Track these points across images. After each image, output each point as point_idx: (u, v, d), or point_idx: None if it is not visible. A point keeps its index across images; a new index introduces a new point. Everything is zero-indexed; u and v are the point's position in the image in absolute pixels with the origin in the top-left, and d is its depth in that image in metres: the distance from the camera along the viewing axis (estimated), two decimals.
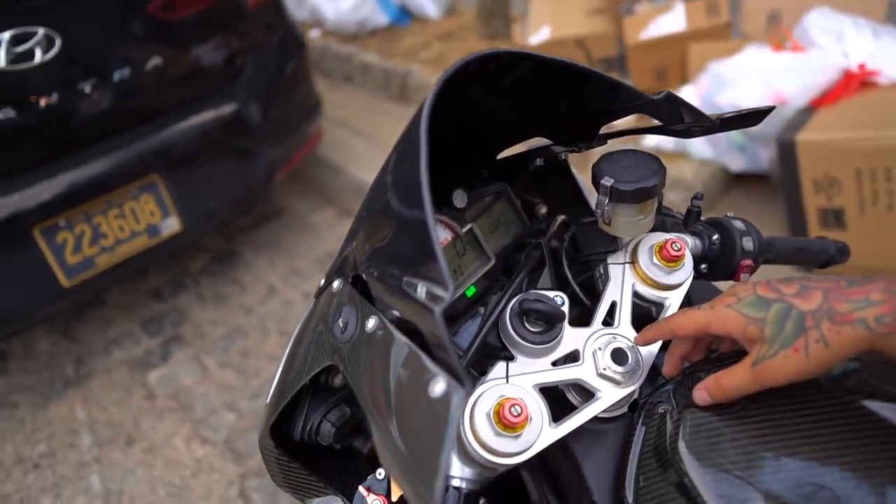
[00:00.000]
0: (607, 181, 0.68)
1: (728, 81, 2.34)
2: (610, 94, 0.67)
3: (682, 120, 0.68)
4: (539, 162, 0.87)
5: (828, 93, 2.18)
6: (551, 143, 0.83)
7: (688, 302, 0.78)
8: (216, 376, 2.34)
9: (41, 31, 1.78)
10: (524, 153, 0.87)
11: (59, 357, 2.47)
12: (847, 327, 0.50)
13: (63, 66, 1.85)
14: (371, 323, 0.63)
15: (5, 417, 2.26)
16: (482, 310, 0.83)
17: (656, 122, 0.72)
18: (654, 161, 0.69)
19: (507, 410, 0.61)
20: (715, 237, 0.80)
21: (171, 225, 2.20)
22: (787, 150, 2.01)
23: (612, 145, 0.79)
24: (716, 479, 0.58)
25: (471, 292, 0.80)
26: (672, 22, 2.83)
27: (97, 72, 1.95)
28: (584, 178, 0.91)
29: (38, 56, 1.79)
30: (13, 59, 1.75)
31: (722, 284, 0.84)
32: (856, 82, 2.16)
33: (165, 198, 2.17)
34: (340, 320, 0.69)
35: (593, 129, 0.76)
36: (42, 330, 2.56)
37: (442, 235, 0.80)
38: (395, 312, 0.62)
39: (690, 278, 0.75)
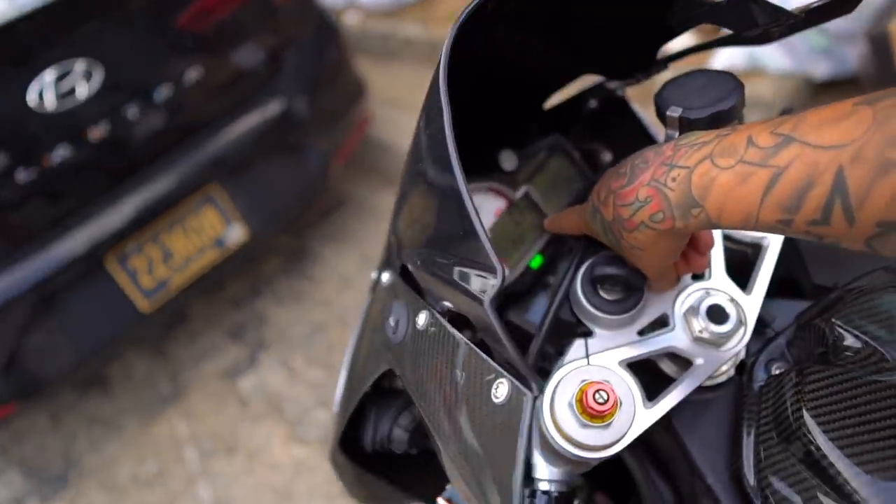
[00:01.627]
0: (674, 111, 0.57)
1: None
2: (661, 6, 0.56)
3: (756, 22, 0.57)
4: (593, 103, 0.77)
5: None
6: (604, 79, 0.73)
7: (789, 240, 0.66)
8: (304, 375, 2.35)
9: (80, 62, 1.79)
10: (575, 97, 0.77)
11: (155, 375, 2.55)
12: (638, 233, 0.49)
13: (108, 94, 1.86)
14: (422, 319, 0.55)
15: (115, 440, 2.36)
16: (552, 280, 0.74)
17: (724, 32, 0.60)
18: (728, 78, 0.58)
19: (592, 398, 0.52)
20: None
21: (238, 233, 2.20)
22: (880, 44, 1.78)
23: (676, 70, 0.68)
24: (853, 450, 0.47)
25: (536, 263, 0.71)
26: None
27: (141, 94, 1.95)
28: (648, 114, 0.79)
29: (82, 88, 1.80)
30: (60, 96, 1.77)
31: None
32: None
33: (227, 207, 2.17)
34: (391, 318, 0.62)
35: (649, 54, 0.65)
36: (135, 351, 2.65)
37: (494, 205, 0.71)
38: (447, 304, 0.54)
39: None
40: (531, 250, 0.71)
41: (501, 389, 0.43)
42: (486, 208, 0.70)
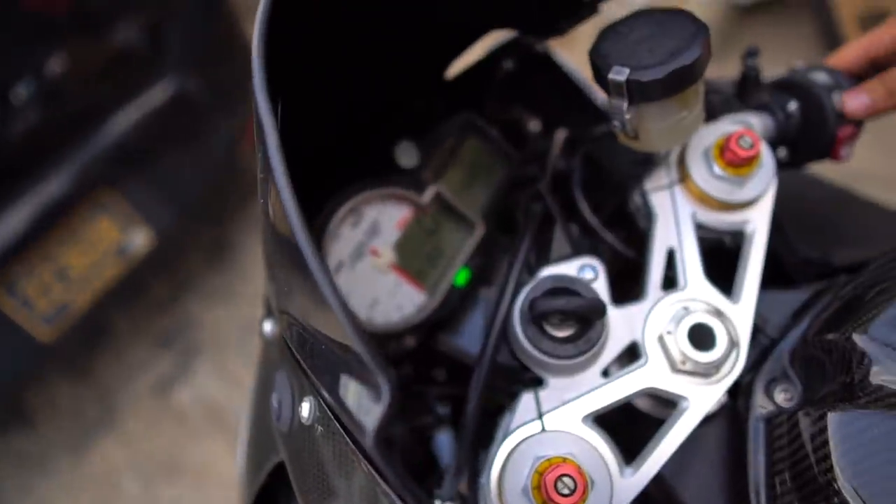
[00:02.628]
0: (619, 73, 0.41)
1: None
2: None
3: None
4: (508, 64, 0.60)
5: None
6: (517, 33, 0.56)
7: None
8: (243, 380, 2.18)
9: None
10: (483, 60, 0.60)
11: (81, 400, 2.33)
12: None
13: None
14: (306, 409, 0.39)
15: (46, 478, 2.15)
16: (484, 292, 0.58)
17: None
18: (683, 19, 0.42)
19: (552, 488, 0.37)
20: (791, 105, 0.53)
21: (141, 238, 1.97)
22: None
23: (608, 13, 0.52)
24: None
25: (462, 279, 0.56)
26: None
27: None
28: (579, 67, 0.64)
29: None
30: None
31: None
32: None
33: (123, 211, 1.93)
34: (275, 396, 0.46)
35: None
36: (55, 375, 2.41)
37: (397, 214, 0.54)
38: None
39: (775, 184, 0.49)
40: (454, 264, 0.56)
41: None
42: (387, 221, 0.53)
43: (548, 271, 0.47)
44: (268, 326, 0.53)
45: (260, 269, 2.05)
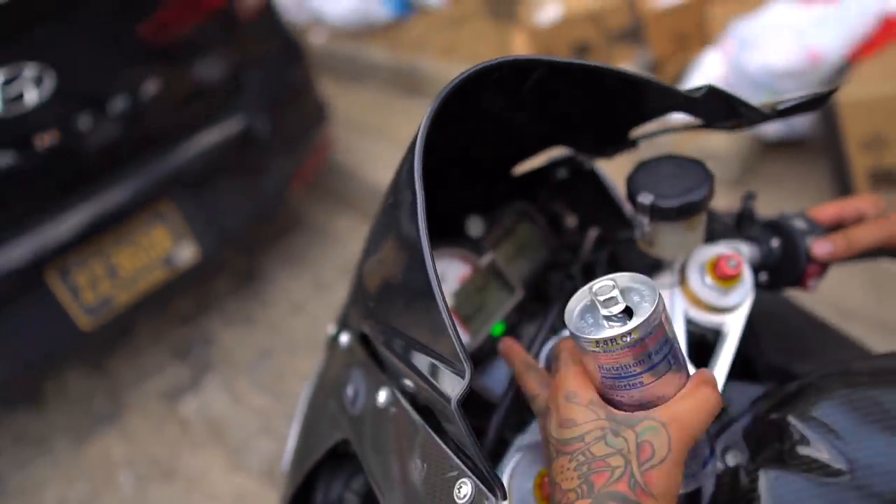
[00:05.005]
0: (645, 198, 0.57)
1: (755, 41, 2.18)
2: (638, 93, 0.56)
3: (728, 116, 0.58)
4: (563, 173, 0.77)
5: (867, 44, 2.02)
6: (574, 151, 0.73)
7: (750, 323, 0.67)
8: (248, 401, 2.28)
9: (30, 67, 1.71)
10: (545, 166, 0.77)
11: (92, 393, 2.44)
12: None
13: (59, 102, 1.79)
14: (382, 396, 0.54)
15: (45, 459, 2.24)
16: None
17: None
18: (698, 168, 0.59)
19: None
20: (774, 242, 0.69)
21: (188, 252, 2.14)
22: (828, 112, 1.86)
23: (647, 147, 0.69)
24: None
25: (498, 331, 0.71)
26: None
27: (95, 103, 1.88)
28: (616, 184, 0.80)
29: (32, 94, 1.73)
30: (7, 101, 1.69)
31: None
32: None
33: (179, 225, 2.10)
34: (350, 387, 0.60)
35: (622, 133, 0.65)
36: (73, 365, 2.53)
37: (459, 270, 0.70)
38: (409, 383, 0.53)
39: (751, 297, 0.64)
40: (493, 317, 0.71)
41: (465, 490, 0.42)
42: (451, 274, 0.69)
43: (567, 333, 0.62)
44: (344, 337, 0.67)
45: (281, 303, 2.21)
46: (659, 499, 0.40)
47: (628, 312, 0.44)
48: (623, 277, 0.46)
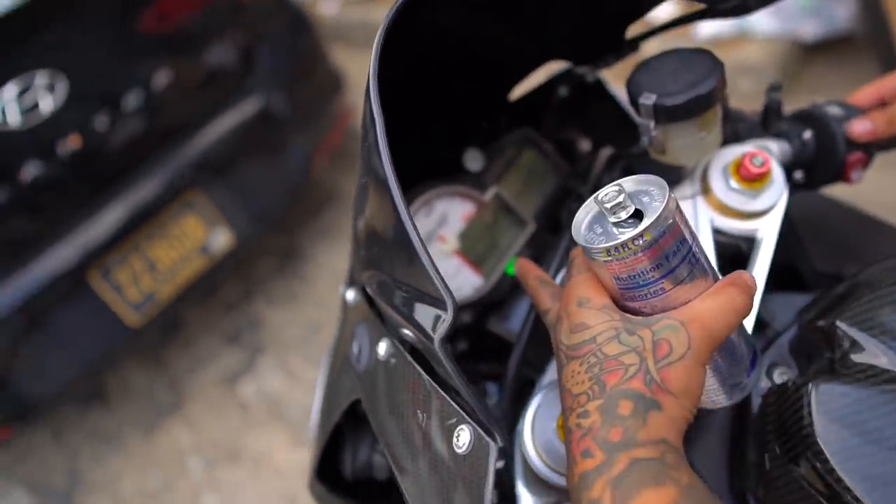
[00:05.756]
0: (647, 98, 0.51)
1: None
2: None
3: None
4: (563, 91, 0.70)
5: None
6: (571, 64, 0.67)
7: (788, 224, 0.60)
8: (303, 377, 2.31)
9: (41, 75, 1.72)
10: (542, 85, 0.71)
11: (153, 385, 2.51)
12: None
13: (74, 105, 1.80)
14: (382, 348, 0.50)
15: (118, 452, 2.33)
16: None
17: (698, 5, 0.54)
18: (704, 57, 0.52)
19: None
20: (807, 134, 0.62)
21: (223, 238, 2.15)
22: (870, 1, 1.70)
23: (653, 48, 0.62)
24: (869, 470, 0.42)
25: (513, 268, 0.66)
26: None
27: (109, 102, 1.88)
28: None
29: (47, 101, 1.74)
30: (24, 111, 1.71)
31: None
32: None
33: (209, 212, 2.11)
34: (355, 344, 0.57)
35: (618, 35, 0.58)
36: (132, 361, 2.61)
37: (462, 209, 0.65)
38: (407, 332, 0.49)
39: (785, 195, 0.57)
40: (507, 255, 0.66)
41: (463, 437, 0.38)
42: (454, 213, 0.64)
43: None
44: (350, 295, 0.64)
45: (323, 277, 2.20)
46: (679, 396, 0.36)
47: (638, 217, 0.39)
48: (629, 181, 0.41)
